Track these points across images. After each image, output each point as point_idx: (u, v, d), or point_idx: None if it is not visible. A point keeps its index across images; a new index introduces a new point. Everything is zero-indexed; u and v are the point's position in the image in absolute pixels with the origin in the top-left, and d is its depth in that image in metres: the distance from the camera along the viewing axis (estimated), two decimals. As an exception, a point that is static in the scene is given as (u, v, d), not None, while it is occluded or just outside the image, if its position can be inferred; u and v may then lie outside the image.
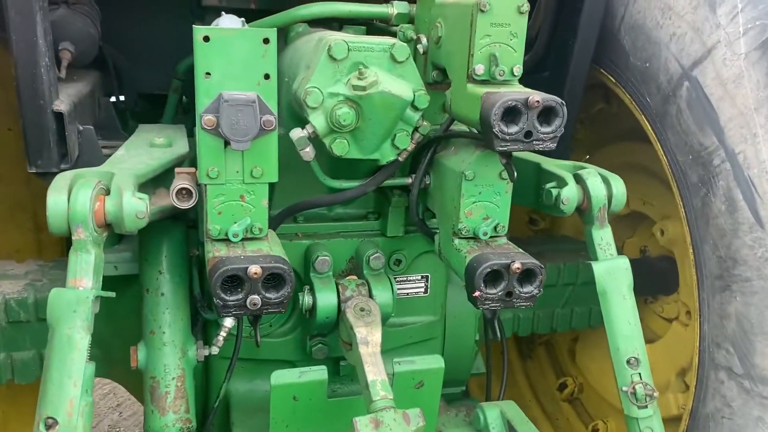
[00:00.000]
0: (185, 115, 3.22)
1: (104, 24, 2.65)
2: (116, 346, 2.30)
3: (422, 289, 2.37)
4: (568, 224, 3.66)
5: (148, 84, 3.05)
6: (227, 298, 1.61)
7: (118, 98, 3.02)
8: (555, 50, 2.46)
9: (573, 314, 3.07)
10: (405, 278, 2.32)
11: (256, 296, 1.62)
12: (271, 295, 1.64)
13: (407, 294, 2.34)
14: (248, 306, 1.62)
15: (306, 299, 2.02)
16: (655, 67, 2.20)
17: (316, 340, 2.16)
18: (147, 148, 2.07)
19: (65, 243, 3.21)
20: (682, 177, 2.15)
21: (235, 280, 1.62)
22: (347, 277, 2.12)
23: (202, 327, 2.14)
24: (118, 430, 4.60)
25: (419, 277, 2.35)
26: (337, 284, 2.04)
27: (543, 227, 3.74)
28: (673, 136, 2.16)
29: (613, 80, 2.46)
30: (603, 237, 1.98)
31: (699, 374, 2.12)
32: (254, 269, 1.58)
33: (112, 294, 1.63)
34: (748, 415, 1.91)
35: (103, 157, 2.21)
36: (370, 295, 2.04)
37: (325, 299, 2.00)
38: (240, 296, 1.62)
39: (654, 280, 2.94)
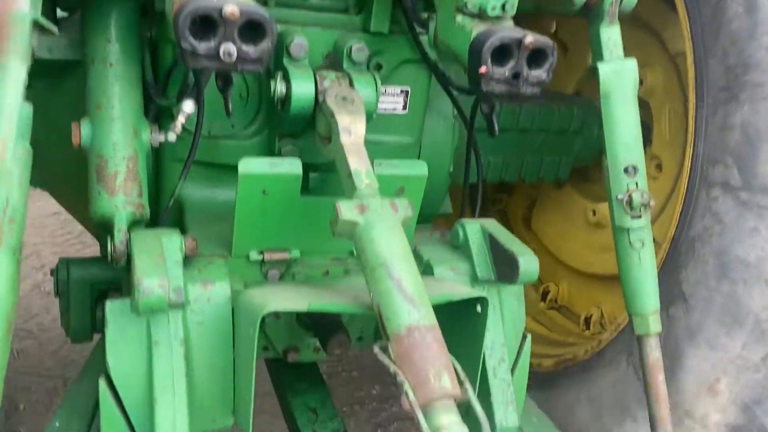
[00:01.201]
0: None
1: None
2: (49, 149, 1.99)
3: (401, 105, 2.16)
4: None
5: None
6: (197, 44, 1.36)
7: None
8: None
9: (543, 163, 2.96)
10: (383, 90, 2.10)
11: (231, 44, 1.37)
12: (249, 49, 1.40)
13: (384, 109, 2.12)
14: (221, 56, 1.38)
15: (279, 87, 1.77)
16: None
17: (287, 141, 1.93)
18: None
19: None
20: (691, -13, 1.99)
21: (206, 24, 1.36)
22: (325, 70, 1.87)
23: (155, 117, 1.86)
24: (42, 289, 4.30)
25: (399, 91, 2.13)
26: (314, 73, 1.80)
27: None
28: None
29: None
30: (611, 36, 1.81)
31: (686, 199, 2.04)
32: (231, 9, 1.33)
33: (54, 29, 1.34)
34: (742, 227, 1.84)
35: None
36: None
37: (302, 87, 1.76)
38: (212, 43, 1.37)
39: None
